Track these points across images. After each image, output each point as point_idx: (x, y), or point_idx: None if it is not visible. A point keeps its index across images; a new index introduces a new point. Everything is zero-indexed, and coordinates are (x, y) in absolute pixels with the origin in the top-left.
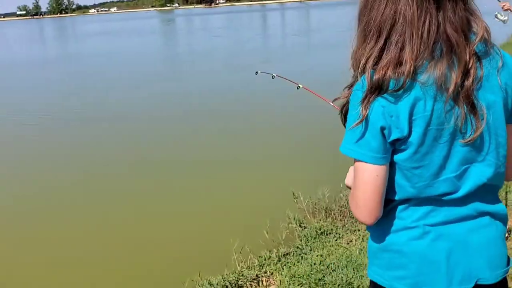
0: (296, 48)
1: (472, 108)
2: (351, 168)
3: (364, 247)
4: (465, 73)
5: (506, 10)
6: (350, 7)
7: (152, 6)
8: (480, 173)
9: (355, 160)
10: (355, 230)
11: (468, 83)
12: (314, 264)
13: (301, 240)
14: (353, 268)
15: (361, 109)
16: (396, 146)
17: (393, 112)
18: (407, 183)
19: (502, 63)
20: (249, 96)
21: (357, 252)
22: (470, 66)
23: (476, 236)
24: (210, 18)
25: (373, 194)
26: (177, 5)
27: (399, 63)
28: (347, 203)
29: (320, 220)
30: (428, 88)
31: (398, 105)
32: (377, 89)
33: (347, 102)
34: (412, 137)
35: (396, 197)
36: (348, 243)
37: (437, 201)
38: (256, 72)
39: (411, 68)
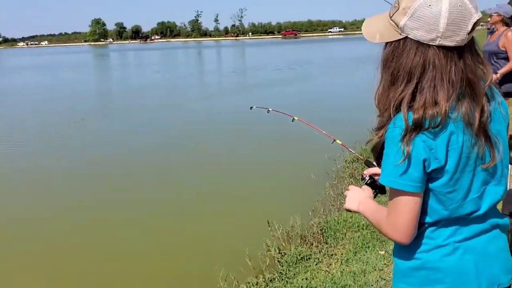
0: (235, 85)
1: (487, 138)
2: (350, 193)
3: (343, 269)
4: (482, 111)
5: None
6: (279, 47)
7: (85, 41)
8: (495, 192)
9: (395, 191)
10: (332, 255)
11: (484, 119)
12: (301, 287)
13: (282, 266)
14: None
15: (403, 146)
16: (432, 175)
17: (432, 146)
18: (440, 206)
19: (500, 99)
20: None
21: (339, 274)
22: (484, 105)
23: (492, 247)
24: (146, 53)
25: (412, 218)
26: (111, 40)
27: (434, 103)
28: (320, 230)
29: (297, 246)
30: (458, 123)
31: (437, 139)
32: (418, 126)
33: (380, 142)
34: (448, 165)
35: (429, 220)
36: (328, 267)
37: (462, 220)
38: (251, 107)
39: (446, 108)
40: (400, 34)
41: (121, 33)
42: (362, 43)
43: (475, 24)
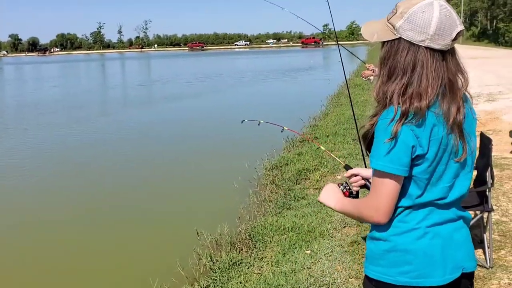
0: (138, 98)
1: (461, 135)
2: (328, 189)
3: (275, 270)
4: (458, 109)
5: (367, 77)
6: (188, 59)
7: None
8: (463, 185)
9: (381, 173)
10: (262, 258)
11: (459, 116)
12: None
13: (215, 272)
14: None
15: (393, 133)
16: (415, 161)
17: (419, 135)
18: (417, 191)
19: (471, 105)
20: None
21: (271, 275)
22: (460, 105)
23: (458, 235)
24: (45, 67)
25: (393, 199)
26: (5, 52)
27: (419, 96)
28: (248, 235)
29: (228, 252)
30: (440, 118)
31: (422, 129)
32: (405, 116)
33: (372, 128)
34: (429, 154)
35: (405, 204)
36: (259, 269)
37: (432, 205)
38: (242, 121)
39: (427, 102)
40: (395, 35)
41: (16, 45)
42: (266, 56)
43: (458, 34)
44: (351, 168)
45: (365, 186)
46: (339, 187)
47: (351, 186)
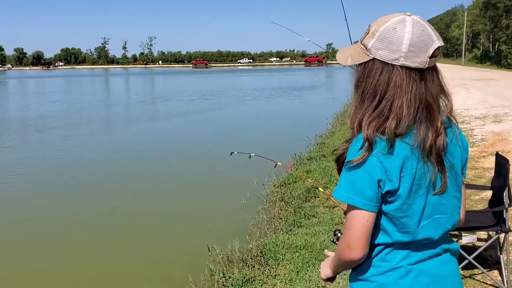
0: (139, 116)
1: (441, 165)
2: (323, 265)
3: None
4: (437, 136)
5: None
6: (189, 76)
7: None
8: (447, 221)
9: (350, 207)
10: (275, 275)
11: (439, 143)
12: None
13: None
14: None
15: (357, 159)
16: (386, 197)
17: (388, 168)
18: (394, 229)
19: (458, 132)
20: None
21: None
22: (440, 131)
23: (445, 269)
24: (48, 81)
25: (363, 235)
26: (10, 66)
27: (389, 119)
28: (259, 252)
29: (240, 269)
30: (415, 151)
31: (392, 162)
32: (372, 143)
33: (344, 154)
34: (401, 190)
35: (383, 241)
36: (273, 287)
37: (415, 244)
38: (231, 153)
39: (397, 123)
40: (368, 56)
41: (21, 58)
42: (270, 74)
43: (437, 50)
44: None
45: None
46: (337, 233)
47: None
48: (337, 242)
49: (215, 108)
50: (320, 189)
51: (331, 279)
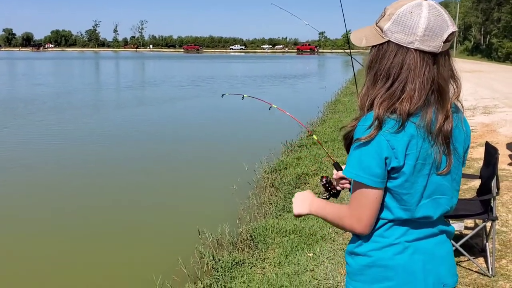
0: (126, 101)
1: (447, 147)
2: (297, 199)
3: (277, 272)
4: (446, 118)
5: None
6: (181, 62)
7: None
8: (446, 202)
9: (359, 184)
10: (264, 259)
11: (447, 126)
12: None
13: (218, 272)
14: None
15: (366, 137)
16: (391, 174)
17: (394, 146)
18: (396, 205)
19: (463, 116)
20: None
21: (274, 276)
22: (449, 114)
23: (440, 249)
24: (37, 63)
25: (373, 211)
26: None
27: (402, 101)
28: (249, 236)
29: (230, 252)
30: (420, 130)
31: (398, 140)
32: (381, 123)
33: (352, 131)
34: (405, 168)
35: (385, 217)
36: (262, 270)
37: (414, 222)
38: (223, 95)
39: (410, 107)
40: (383, 38)
41: (10, 39)
42: (262, 61)
43: (451, 35)
44: (341, 167)
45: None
46: (322, 180)
47: (335, 183)
48: (327, 187)
49: (207, 95)
50: (315, 137)
51: (301, 216)
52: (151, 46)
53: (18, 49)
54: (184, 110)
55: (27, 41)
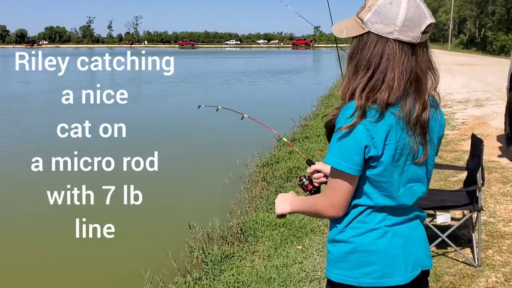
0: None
1: (424, 137)
2: (279, 200)
3: (266, 264)
4: (423, 109)
5: None
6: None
7: None
8: (420, 189)
9: (336, 171)
10: (254, 252)
11: (424, 116)
12: (229, 282)
13: (207, 265)
14: (265, 282)
15: (347, 126)
16: (369, 162)
17: (374, 135)
18: (375, 192)
19: (439, 108)
20: None
21: (263, 269)
22: (427, 105)
23: (417, 233)
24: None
25: (346, 197)
26: None
27: (382, 90)
28: (239, 230)
29: (220, 246)
30: (399, 121)
31: (378, 130)
32: (362, 112)
33: (333, 120)
34: (384, 157)
35: (364, 204)
36: (251, 263)
37: (392, 208)
38: (199, 106)
39: (389, 95)
40: (364, 29)
41: (3, 36)
42: (258, 56)
43: (429, 26)
44: (314, 163)
45: (326, 183)
46: (303, 179)
47: (312, 179)
48: (309, 185)
49: (202, 89)
50: (284, 139)
51: (283, 216)
52: (146, 42)
53: (12, 46)
54: (176, 105)
55: (21, 38)
